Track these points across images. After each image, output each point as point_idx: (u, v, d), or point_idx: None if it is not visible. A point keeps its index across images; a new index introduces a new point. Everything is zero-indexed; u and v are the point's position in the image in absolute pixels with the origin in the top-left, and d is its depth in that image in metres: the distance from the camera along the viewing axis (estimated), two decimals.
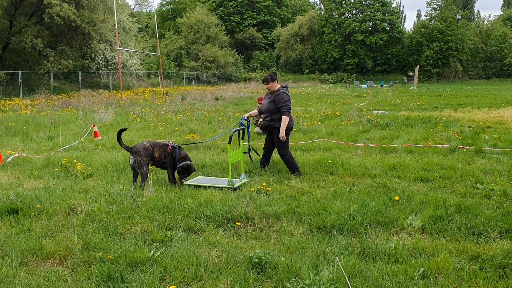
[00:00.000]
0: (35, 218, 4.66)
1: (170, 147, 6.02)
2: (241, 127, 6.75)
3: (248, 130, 6.84)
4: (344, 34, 58.36)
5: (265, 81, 6.65)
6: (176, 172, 6.14)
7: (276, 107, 6.53)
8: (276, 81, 6.64)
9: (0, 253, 3.84)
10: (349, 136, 10.21)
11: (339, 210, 4.71)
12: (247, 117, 6.81)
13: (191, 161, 6.14)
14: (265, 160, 7.05)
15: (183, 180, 6.06)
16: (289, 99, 6.56)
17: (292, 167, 6.65)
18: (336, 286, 3.19)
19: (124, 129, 6.27)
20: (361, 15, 58.35)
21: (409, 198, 5.21)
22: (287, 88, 6.76)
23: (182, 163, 6.02)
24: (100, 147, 9.11)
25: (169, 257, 3.69)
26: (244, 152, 6.69)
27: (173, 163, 6.07)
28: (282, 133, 6.46)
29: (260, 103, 9.97)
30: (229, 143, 6.14)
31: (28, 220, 4.59)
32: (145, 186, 5.72)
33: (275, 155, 7.27)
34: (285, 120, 6.45)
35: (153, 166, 6.18)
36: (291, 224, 4.48)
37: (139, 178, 5.90)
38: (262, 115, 6.88)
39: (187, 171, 6.06)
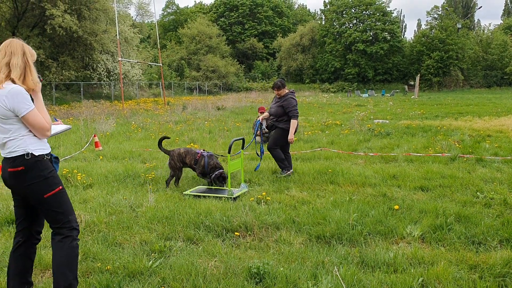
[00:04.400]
0: None
1: (199, 155, 6.59)
2: (256, 130, 7.48)
3: (261, 133, 7.33)
4: (345, 44, 58.67)
5: (277, 87, 7.06)
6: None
7: (284, 111, 6.97)
8: (285, 87, 7.11)
9: None
10: (349, 145, 10.21)
11: (338, 219, 4.70)
12: (262, 119, 7.40)
13: (222, 169, 6.58)
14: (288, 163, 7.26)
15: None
16: (297, 104, 7.06)
17: (281, 162, 7.07)
18: None
19: (167, 137, 7.25)
20: (361, 25, 58.69)
21: (409, 207, 5.20)
22: (294, 93, 7.24)
23: (214, 173, 6.50)
24: (101, 157, 9.13)
25: (167, 268, 3.68)
26: (258, 155, 7.47)
27: (203, 169, 6.59)
28: (291, 136, 6.95)
29: (262, 112, 10.14)
30: (229, 152, 6.18)
31: None
32: (170, 183, 6.56)
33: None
34: (294, 123, 6.93)
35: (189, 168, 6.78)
36: (291, 234, 4.48)
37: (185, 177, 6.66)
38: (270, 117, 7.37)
39: (222, 179, 6.53)
